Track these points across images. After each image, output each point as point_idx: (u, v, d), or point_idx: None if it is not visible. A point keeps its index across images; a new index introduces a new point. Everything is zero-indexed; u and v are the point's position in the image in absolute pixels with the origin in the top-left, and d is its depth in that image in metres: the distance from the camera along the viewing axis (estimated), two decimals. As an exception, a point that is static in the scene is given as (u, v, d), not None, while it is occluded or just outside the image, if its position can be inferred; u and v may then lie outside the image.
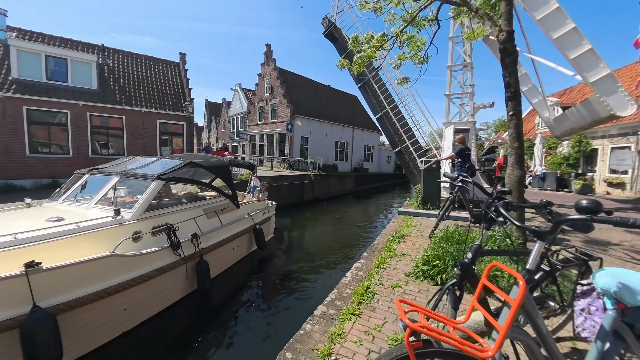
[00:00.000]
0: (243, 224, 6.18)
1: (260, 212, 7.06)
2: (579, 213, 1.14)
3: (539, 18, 6.19)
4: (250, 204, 6.81)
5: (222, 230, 5.37)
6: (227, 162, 6.07)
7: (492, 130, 35.87)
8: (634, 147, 11.53)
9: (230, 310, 4.86)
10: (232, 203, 5.92)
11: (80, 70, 12.48)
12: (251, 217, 6.48)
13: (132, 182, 4.79)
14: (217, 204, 5.57)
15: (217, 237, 5.21)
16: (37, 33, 12.96)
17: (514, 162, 3.67)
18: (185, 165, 4.86)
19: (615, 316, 1.34)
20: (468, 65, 8.59)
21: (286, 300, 5.24)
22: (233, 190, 5.91)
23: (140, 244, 3.92)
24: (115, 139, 13.30)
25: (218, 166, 5.61)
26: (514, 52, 3.72)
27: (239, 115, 28.62)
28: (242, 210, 6.27)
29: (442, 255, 3.39)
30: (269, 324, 4.48)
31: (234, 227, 5.80)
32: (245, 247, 6.49)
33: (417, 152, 10.60)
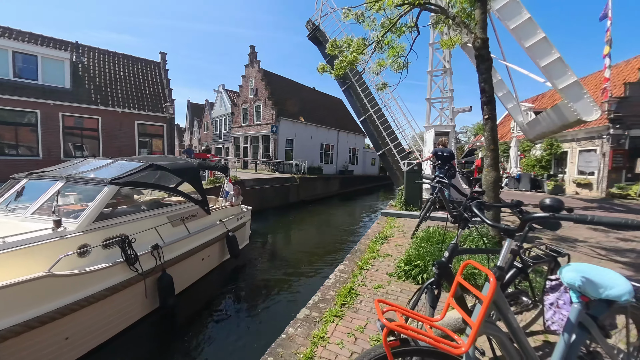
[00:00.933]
0: (214, 231, 5.71)
1: (233, 217, 6.63)
2: (543, 211, 1.20)
3: (512, 27, 6.52)
4: (222, 210, 6.37)
5: (189, 239, 4.88)
6: (195, 164, 5.60)
7: (472, 133, 37.27)
8: (599, 150, 12.32)
9: (203, 324, 4.49)
10: (201, 209, 5.45)
11: (51, 68, 11.86)
12: (223, 223, 6.02)
13: (83, 188, 4.21)
14: (184, 210, 5.08)
15: (183, 248, 4.74)
16: (4, 27, 12.19)
17: (490, 164, 3.83)
18: (145, 168, 4.35)
19: (580, 309, 1.42)
20: (447, 70, 8.90)
21: (266, 307, 5.04)
22: (203, 195, 5.47)
23: (88, 260, 3.42)
24: (91, 140, 12.71)
25: (184, 169, 5.18)
26: (489, 59, 3.90)
27: (222, 116, 28.14)
28: (213, 216, 5.82)
29: (423, 255, 3.46)
30: (248, 332, 4.33)
31: (203, 236, 5.32)
32: (217, 256, 6.03)
33: (399, 155, 10.83)
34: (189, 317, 4.62)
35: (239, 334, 4.29)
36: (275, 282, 6.05)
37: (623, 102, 11.52)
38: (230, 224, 6.38)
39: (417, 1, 4.09)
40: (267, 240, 9.68)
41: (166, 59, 16.55)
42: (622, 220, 1.02)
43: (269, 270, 6.81)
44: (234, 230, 6.42)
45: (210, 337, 4.21)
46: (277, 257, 7.90)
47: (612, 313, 1.49)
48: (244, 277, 6.37)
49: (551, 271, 2.18)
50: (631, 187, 11.14)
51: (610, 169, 11.80)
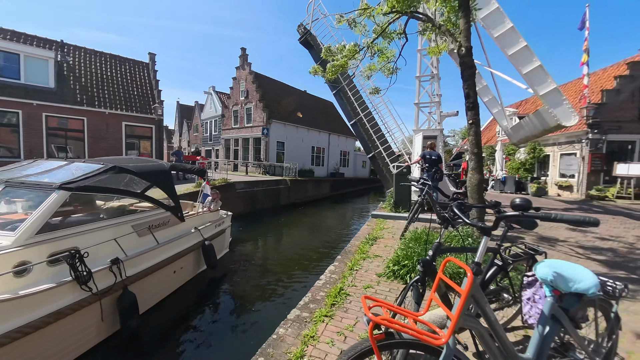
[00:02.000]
0: (188, 240, 5.24)
1: (211, 224, 6.17)
2: (514, 210, 1.29)
3: (496, 36, 6.78)
4: (199, 216, 5.93)
5: (157, 250, 4.40)
6: (167, 166, 5.06)
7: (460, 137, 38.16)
8: (579, 153, 12.86)
9: (174, 344, 4.14)
10: (174, 216, 4.96)
11: (35, 67, 11.54)
12: (199, 231, 5.56)
13: (29, 194, 3.66)
14: (153, 218, 4.58)
15: (150, 260, 4.26)
16: (-16, 25, 11.80)
17: (474, 167, 3.98)
18: (105, 171, 3.83)
19: (553, 302, 1.52)
20: (435, 76, 9.15)
21: (245, 322, 4.79)
22: (176, 200, 4.96)
23: (28, 280, 2.92)
24: (75, 141, 12.40)
25: (154, 172, 4.66)
26: (473, 66, 4.06)
27: (212, 118, 27.88)
28: (187, 224, 5.36)
29: (410, 255, 3.56)
30: (229, 347, 4.09)
31: (175, 246, 4.86)
32: (191, 268, 5.57)
33: (389, 158, 11.01)
34: (157, 338, 4.23)
35: (218, 349, 4.06)
36: (259, 290, 5.78)
37: (600, 108, 12.09)
38: (207, 231, 5.91)
39: (404, 9, 4.24)
40: (254, 244, 9.54)
41: (155, 60, 16.33)
42: (581, 218, 1.12)
43: (253, 277, 6.49)
44: (212, 238, 5.95)
45: (183, 356, 3.92)
46: (262, 263, 7.60)
47: (583, 306, 1.60)
48: (223, 288, 5.97)
49: (529, 268, 2.31)
50: (608, 189, 11.66)
51: (589, 171, 12.32)
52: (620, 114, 12.00)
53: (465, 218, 1.46)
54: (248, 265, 7.26)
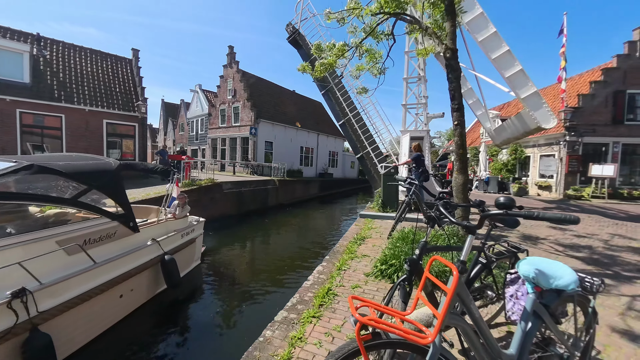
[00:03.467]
0: (141, 255, 4.40)
1: (176, 234, 5.37)
2: (498, 209, 1.31)
3: (480, 40, 6.97)
4: (160, 225, 5.08)
5: (94, 272, 3.52)
6: (114, 165, 4.15)
7: (445, 138, 39.03)
8: (557, 155, 13.40)
9: (154, 350, 3.89)
10: (123, 226, 4.13)
11: (8, 61, 10.95)
12: (158, 243, 4.70)
13: None
14: (90, 230, 3.68)
15: (81, 286, 3.38)
16: (-49, 15, 11.08)
17: (459, 168, 4.06)
18: (17, 171, 2.99)
19: (534, 298, 1.56)
20: (422, 78, 9.31)
21: (232, 322, 4.64)
22: (125, 206, 4.15)
23: None
24: (53, 140, 11.85)
25: (91, 172, 3.77)
26: (458, 68, 4.15)
27: (199, 117, 27.33)
28: (143, 235, 4.52)
29: (398, 254, 3.59)
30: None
31: (121, 264, 3.99)
32: (146, 288, 4.68)
33: (377, 158, 11.12)
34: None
35: (200, 356, 3.84)
36: (241, 296, 5.42)
37: (577, 111, 12.65)
38: (170, 243, 5.12)
39: (392, 11, 4.28)
40: (240, 247, 9.28)
41: (139, 56, 15.83)
42: (561, 216, 1.15)
43: (232, 284, 6.05)
44: (176, 250, 5.23)
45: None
46: (247, 266, 7.28)
47: (562, 301, 1.65)
48: (187, 310, 5.08)
49: (512, 266, 2.36)
50: (584, 189, 12.22)
51: (566, 172, 12.86)
52: (595, 118, 12.61)
53: (450, 217, 1.47)
54: (227, 273, 6.85)
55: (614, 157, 12.63)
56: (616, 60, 12.52)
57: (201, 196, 11.31)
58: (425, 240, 1.83)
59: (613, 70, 12.44)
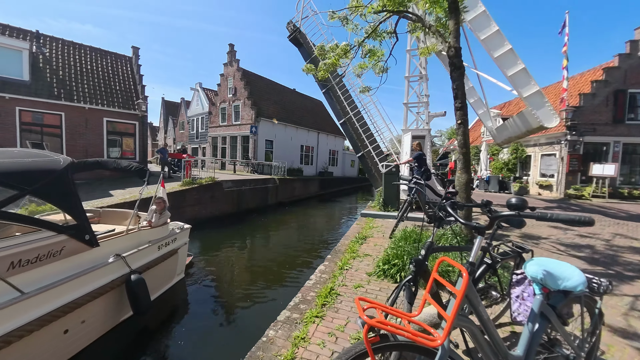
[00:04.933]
0: (97, 277, 3.55)
1: (150, 246, 4.46)
2: (510, 210, 1.30)
3: (482, 38, 6.93)
4: (130, 235, 4.24)
5: (18, 306, 2.73)
6: (61, 164, 3.32)
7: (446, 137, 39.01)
8: (558, 154, 13.39)
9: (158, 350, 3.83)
10: (75, 240, 3.35)
11: (7, 59, 10.88)
12: (123, 259, 3.87)
13: None
14: (22, 248, 2.90)
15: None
16: (-50, 12, 11.00)
17: (462, 167, 4.05)
18: None
19: (542, 300, 1.54)
20: (423, 77, 9.27)
21: (233, 322, 4.55)
22: (77, 215, 3.37)
23: None
24: (52, 138, 11.79)
25: (22, 172, 2.96)
26: (461, 66, 4.12)
27: (199, 115, 27.26)
28: (103, 249, 3.72)
29: (400, 254, 3.58)
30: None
31: (65, 290, 3.16)
32: (103, 318, 3.82)
33: (378, 157, 11.09)
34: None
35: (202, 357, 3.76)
36: (240, 297, 5.19)
37: (578, 111, 12.62)
38: (140, 257, 4.25)
39: (395, 8, 4.25)
40: (239, 246, 9.18)
41: (139, 54, 15.76)
42: (576, 217, 1.14)
43: (225, 291, 5.71)
44: (149, 266, 4.38)
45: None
46: (245, 266, 7.00)
47: (569, 302, 1.64)
48: (183, 314, 4.61)
49: (517, 266, 2.35)
50: (585, 189, 12.21)
51: (567, 171, 12.85)
52: (596, 117, 12.58)
53: (458, 217, 1.46)
54: (225, 272, 6.65)
55: (614, 157, 12.61)
56: (617, 60, 12.47)
57: (202, 194, 11.30)
58: (431, 240, 1.81)
59: (614, 69, 12.40)
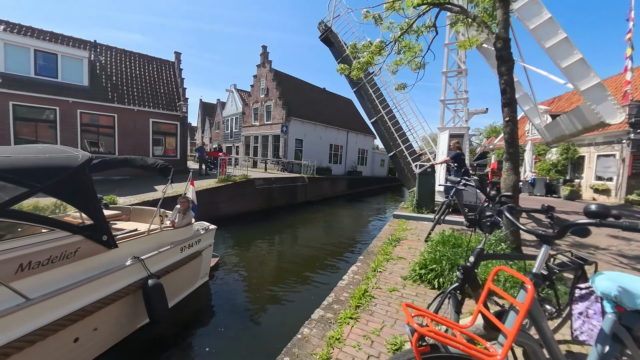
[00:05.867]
0: (112, 281, 3.35)
1: (172, 248, 4.28)
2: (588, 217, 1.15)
3: (532, 27, 6.36)
4: (151, 236, 4.03)
5: (22, 312, 2.53)
6: (79, 160, 3.10)
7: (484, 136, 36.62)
8: (618, 155, 11.91)
9: (193, 343, 3.92)
10: (91, 241, 3.16)
11: (71, 66, 12.21)
12: (142, 262, 3.67)
13: None
14: (33, 249, 2.73)
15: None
16: (27, 27, 12.61)
17: (509, 168, 3.74)
18: None
19: (615, 319, 1.36)
20: (463, 71, 8.75)
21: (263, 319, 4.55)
22: (95, 215, 3.19)
23: None
24: (106, 137, 13.02)
25: (33, 169, 2.74)
26: (510, 59, 3.80)
27: (233, 116, 28.43)
28: (121, 251, 3.52)
29: (439, 259, 3.41)
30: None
31: (76, 295, 2.96)
32: (118, 325, 3.59)
33: (411, 156, 10.70)
34: (172, 342, 3.70)
35: (232, 351, 3.80)
36: (260, 302, 5.07)
37: (645, 105, 11.10)
38: (160, 260, 4.04)
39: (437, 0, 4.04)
40: (263, 244, 9.23)
41: (180, 59, 16.83)
42: None
43: (254, 286, 5.66)
44: (169, 270, 4.16)
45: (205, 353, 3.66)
46: (270, 266, 6.94)
47: None
48: (182, 341, 4.02)
49: (577, 279, 2.11)
50: (652, 194, 10.73)
51: (629, 174, 11.39)
52: (669, 112, 10.97)
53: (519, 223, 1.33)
54: (254, 268, 6.76)
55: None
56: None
57: (235, 191, 11.78)
58: (482, 247, 1.68)
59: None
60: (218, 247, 8.18)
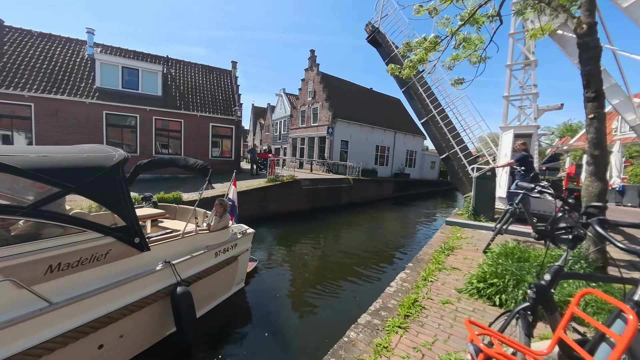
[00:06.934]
0: (141, 286, 3.19)
1: (206, 253, 4.05)
2: None
3: (625, 6, 5.36)
4: (186, 240, 3.87)
5: (46, 317, 2.45)
6: (111, 160, 3.05)
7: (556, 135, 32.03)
8: None
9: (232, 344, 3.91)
10: (122, 243, 3.07)
11: (148, 79, 14.12)
12: (172, 267, 3.49)
13: None
14: (64, 250, 2.65)
15: (21, 340, 2.32)
16: (116, 48, 14.98)
17: (594, 173, 3.18)
18: None
19: None
20: (532, 63, 7.76)
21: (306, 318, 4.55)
22: (127, 216, 3.08)
23: None
24: (174, 140, 14.72)
25: (64, 169, 2.69)
26: (596, 46, 3.25)
27: (282, 119, 29.69)
28: (153, 254, 3.39)
29: (501, 273, 3.07)
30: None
31: (102, 300, 2.84)
32: (144, 333, 3.43)
33: (467, 159, 9.86)
34: (208, 345, 3.70)
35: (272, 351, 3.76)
36: (303, 301, 4.96)
37: None
38: (192, 265, 3.82)
39: (502, -13, 3.65)
40: (306, 243, 9.32)
41: (236, 67, 18.20)
42: None
43: (297, 285, 5.56)
44: (201, 275, 3.93)
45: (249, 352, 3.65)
46: (313, 266, 6.91)
47: None
48: (215, 348, 3.79)
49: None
50: None
51: None
52: None
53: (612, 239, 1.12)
54: (297, 266, 6.78)
55: None
56: None
57: (283, 191, 12.28)
58: (561, 264, 1.46)
59: None
60: (264, 243, 8.62)
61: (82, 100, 12.13)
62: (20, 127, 11.45)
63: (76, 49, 13.63)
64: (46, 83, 11.77)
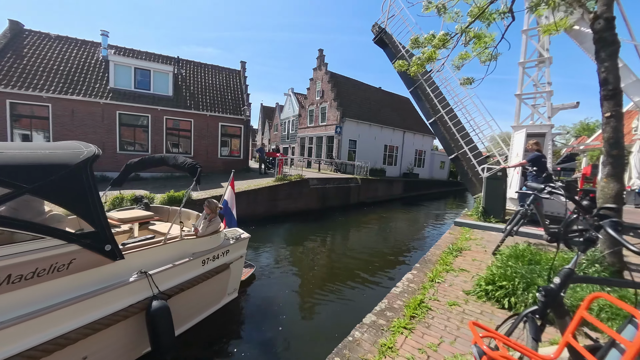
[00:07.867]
0: (108, 300, 2.80)
1: (191, 261, 3.66)
2: None
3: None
4: (168, 246, 3.47)
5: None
6: (77, 157, 2.64)
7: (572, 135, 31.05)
8: None
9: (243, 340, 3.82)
10: (90, 251, 2.69)
11: (160, 80, 14.40)
12: (149, 278, 3.09)
13: None
14: (12, 261, 2.27)
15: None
16: (129, 49, 15.33)
17: (611, 174, 3.07)
18: None
19: None
20: (546, 60, 7.53)
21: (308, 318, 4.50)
22: (95, 221, 2.69)
23: None
24: (184, 139, 14.98)
25: (25, 166, 2.33)
26: (615, 42, 3.12)
27: (290, 118, 29.79)
28: (128, 263, 3.01)
29: (510, 275, 3.00)
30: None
31: (52, 320, 2.42)
32: (115, 352, 3.00)
33: (476, 159, 9.66)
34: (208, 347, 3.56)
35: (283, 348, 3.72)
36: (308, 300, 4.87)
37: None
38: (173, 275, 3.42)
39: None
40: (315, 242, 9.35)
41: (245, 67, 18.36)
42: None
43: (303, 283, 5.51)
44: (184, 287, 3.50)
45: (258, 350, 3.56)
46: (320, 265, 6.79)
47: None
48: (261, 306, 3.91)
49: None
50: None
51: None
52: None
53: (627, 243, 1.08)
54: (304, 265, 6.73)
55: None
56: None
57: (291, 190, 12.34)
58: (572, 267, 1.42)
59: None
60: (272, 241, 8.67)
61: (96, 100, 12.48)
62: (39, 127, 11.87)
63: (91, 51, 14.03)
64: (63, 84, 12.16)
